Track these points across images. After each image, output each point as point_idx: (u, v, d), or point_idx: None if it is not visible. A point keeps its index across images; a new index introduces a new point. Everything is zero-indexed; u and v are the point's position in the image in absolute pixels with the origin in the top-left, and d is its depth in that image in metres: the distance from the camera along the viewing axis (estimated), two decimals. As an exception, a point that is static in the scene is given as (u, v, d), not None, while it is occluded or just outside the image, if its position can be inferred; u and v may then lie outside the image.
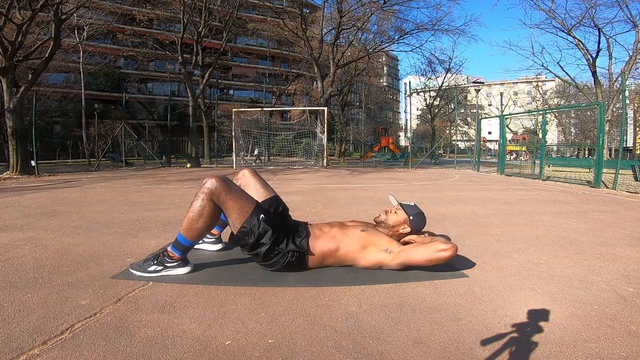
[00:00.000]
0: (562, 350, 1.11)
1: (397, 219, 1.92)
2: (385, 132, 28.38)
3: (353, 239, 1.79)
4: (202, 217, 1.69)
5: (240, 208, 1.70)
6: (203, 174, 9.72)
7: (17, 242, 2.37)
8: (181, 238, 1.73)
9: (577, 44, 16.21)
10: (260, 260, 1.76)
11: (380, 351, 1.11)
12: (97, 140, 16.84)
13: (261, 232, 1.69)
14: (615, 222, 3.30)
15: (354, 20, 17.26)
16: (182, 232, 1.72)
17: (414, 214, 1.93)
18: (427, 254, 1.68)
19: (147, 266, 1.75)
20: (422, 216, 1.96)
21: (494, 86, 47.11)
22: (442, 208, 3.96)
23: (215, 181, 1.69)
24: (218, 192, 1.68)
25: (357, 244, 1.78)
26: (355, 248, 1.78)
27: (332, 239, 1.79)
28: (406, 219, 1.92)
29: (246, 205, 1.72)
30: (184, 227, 1.71)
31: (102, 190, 5.73)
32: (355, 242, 1.78)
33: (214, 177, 1.71)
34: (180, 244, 1.74)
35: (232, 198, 1.70)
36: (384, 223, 1.93)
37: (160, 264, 1.75)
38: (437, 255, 1.67)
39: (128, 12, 21.79)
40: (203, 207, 1.68)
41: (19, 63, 9.47)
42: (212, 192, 1.67)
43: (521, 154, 21.83)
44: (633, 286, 1.66)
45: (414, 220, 1.92)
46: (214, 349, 1.10)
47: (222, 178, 1.72)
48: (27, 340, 1.13)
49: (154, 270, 1.74)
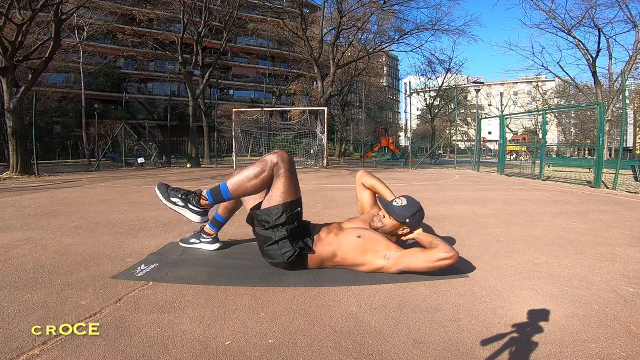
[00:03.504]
0: (562, 350, 1.11)
1: (393, 223, 1.83)
2: (385, 132, 28.35)
3: (349, 246, 1.77)
4: (256, 180, 1.71)
5: (286, 190, 1.73)
6: (203, 174, 9.72)
7: (17, 242, 2.37)
8: (224, 188, 1.73)
9: (577, 44, 16.18)
10: (267, 244, 1.75)
11: (380, 351, 1.11)
12: (97, 140, 16.84)
13: (288, 221, 1.72)
14: (615, 222, 3.30)
15: (354, 20, 17.25)
16: (229, 184, 1.73)
17: (409, 216, 1.81)
18: (428, 263, 1.65)
19: (173, 195, 1.78)
20: (419, 214, 1.85)
21: (494, 86, 47.07)
22: (442, 208, 3.96)
23: (284, 155, 1.74)
24: (281, 165, 1.72)
25: (354, 252, 1.76)
26: (352, 255, 1.76)
27: (330, 246, 1.79)
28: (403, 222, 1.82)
29: (293, 191, 1.76)
30: (234, 180, 1.73)
31: (102, 190, 5.73)
32: (351, 250, 1.76)
33: (282, 152, 1.77)
34: (218, 192, 1.74)
35: (287, 177, 1.73)
36: (381, 229, 1.84)
37: (185, 202, 1.76)
38: (437, 264, 1.64)
39: (128, 12, 21.77)
40: (262, 171, 1.71)
41: (19, 63, 9.47)
42: (277, 163, 1.71)
43: (521, 154, 21.82)
44: (633, 286, 1.66)
45: (410, 222, 1.82)
46: (214, 349, 1.10)
47: (290, 157, 1.78)
48: (27, 340, 1.13)
49: (174, 203, 1.76)
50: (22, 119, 9.26)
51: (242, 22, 23.04)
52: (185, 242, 2.24)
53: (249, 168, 1.74)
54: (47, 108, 20.37)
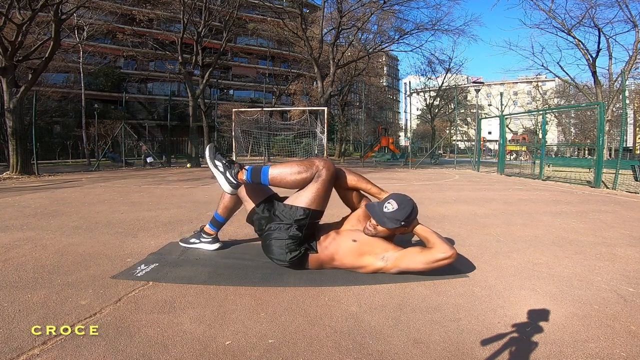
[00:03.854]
0: (562, 350, 1.11)
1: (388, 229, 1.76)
2: (385, 132, 28.32)
3: (346, 250, 1.76)
4: (297, 176, 1.75)
5: (317, 197, 1.76)
6: (203, 174, 9.71)
7: (17, 242, 2.37)
8: (265, 174, 1.79)
9: (577, 44, 16.19)
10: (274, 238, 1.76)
11: (380, 351, 1.11)
12: (97, 140, 16.84)
13: (306, 225, 1.75)
14: (615, 222, 3.30)
15: (354, 20, 17.26)
16: (272, 170, 1.79)
17: (404, 219, 1.72)
18: (426, 264, 1.64)
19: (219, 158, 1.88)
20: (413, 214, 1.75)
21: (494, 86, 47.05)
22: (442, 208, 3.96)
23: (331, 166, 1.79)
24: (323, 174, 1.76)
25: (351, 256, 1.76)
26: (350, 259, 1.77)
27: (327, 250, 1.79)
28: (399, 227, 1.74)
29: (322, 201, 1.79)
30: (278, 169, 1.78)
31: (102, 190, 5.72)
32: (349, 254, 1.76)
33: (331, 163, 1.81)
34: (258, 174, 1.79)
35: (324, 187, 1.76)
36: (376, 236, 1.78)
37: (226, 168, 1.85)
38: (436, 264, 1.63)
39: (128, 12, 21.77)
40: (305, 171, 1.75)
41: (19, 63, 9.46)
42: (321, 170, 1.75)
43: (521, 154, 21.81)
44: (633, 286, 1.66)
45: (406, 224, 1.74)
46: (214, 349, 1.10)
47: (336, 171, 1.84)
48: (27, 340, 1.13)
49: (215, 165, 1.87)
50: (22, 119, 9.25)
51: (242, 22, 23.03)
52: (185, 242, 2.24)
53: (294, 163, 1.78)
54: (47, 108, 20.36)
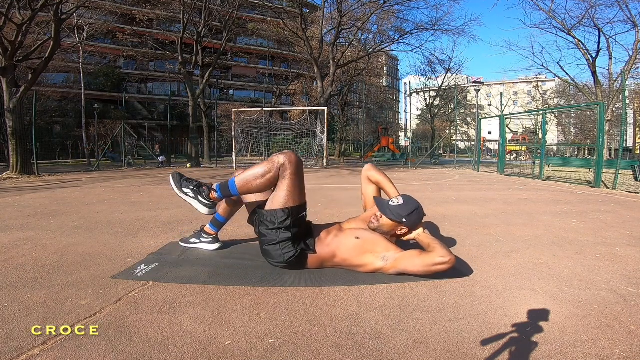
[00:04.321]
0: (562, 350, 1.11)
1: (390, 223, 1.80)
2: (385, 132, 28.32)
3: (348, 247, 1.77)
4: (262, 179, 1.72)
5: (291, 192, 1.73)
6: (203, 174, 9.72)
7: (17, 242, 2.37)
8: (232, 184, 1.76)
9: (577, 44, 16.19)
10: (268, 244, 1.76)
11: (380, 351, 1.11)
12: (97, 140, 16.84)
13: (292, 224, 1.73)
14: (615, 222, 3.30)
15: (354, 20, 17.25)
16: (237, 180, 1.76)
17: (406, 216, 1.79)
18: (424, 267, 1.64)
19: (185, 185, 1.85)
20: (417, 213, 1.82)
21: (494, 86, 47.04)
22: (442, 208, 3.96)
23: (292, 156, 1.74)
24: (287, 167, 1.72)
25: (353, 253, 1.76)
26: (351, 256, 1.77)
27: (328, 247, 1.79)
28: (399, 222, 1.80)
29: (297, 194, 1.76)
30: (242, 177, 1.75)
31: (102, 190, 5.72)
32: (351, 251, 1.76)
33: (291, 152, 1.76)
34: (227, 188, 1.78)
35: (293, 180, 1.73)
36: (379, 229, 1.83)
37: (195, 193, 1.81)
38: (434, 268, 1.62)
39: (128, 12, 21.77)
40: (269, 171, 1.72)
41: (19, 63, 9.46)
42: (284, 164, 1.71)
43: (521, 154, 21.81)
44: (633, 286, 1.66)
45: (408, 221, 1.80)
46: (214, 349, 1.10)
47: (298, 158, 1.77)
48: (27, 340, 1.13)
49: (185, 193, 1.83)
50: (22, 119, 9.25)
51: (242, 22, 23.04)
52: (186, 242, 2.24)
53: (257, 167, 1.75)
54: (47, 108, 20.38)
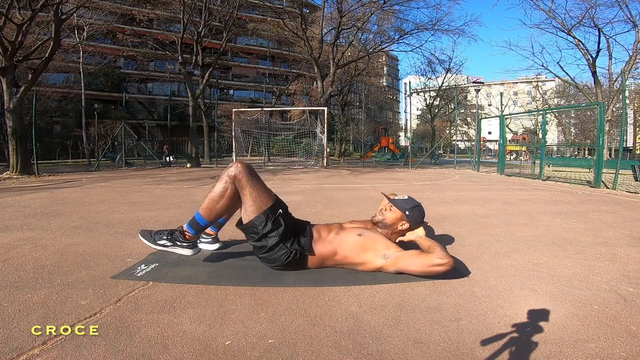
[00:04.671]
0: (562, 350, 1.11)
1: (394, 217, 1.88)
2: (385, 132, 28.30)
3: (350, 244, 1.78)
4: (223, 199, 1.73)
5: (258, 197, 1.73)
6: (203, 174, 9.72)
7: (17, 242, 2.37)
8: (199, 217, 1.77)
9: (577, 44, 16.18)
10: (262, 252, 1.76)
11: (380, 351, 1.11)
12: (97, 140, 16.85)
13: (275, 226, 1.72)
14: (615, 222, 3.30)
15: (354, 20, 17.23)
16: (201, 211, 1.76)
17: (409, 209, 1.88)
18: (423, 267, 1.65)
19: (158, 238, 1.79)
20: (418, 209, 1.91)
21: (494, 86, 47.05)
22: (442, 208, 3.96)
23: (240, 166, 1.74)
24: (240, 177, 1.72)
25: (354, 250, 1.77)
26: (352, 254, 1.77)
27: (330, 244, 1.80)
28: (402, 215, 1.88)
29: (265, 196, 1.76)
30: (204, 206, 1.75)
31: (102, 190, 5.73)
32: (352, 248, 1.78)
33: (239, 162, 1.76)
34: (196, 223, 1.78)
35: (253, 185, 1.74)
36: (382, 222, 1.90)
37: (172, 241, 1.78)
38: (432, 269, 1.63)
39: (128, 12, 21.77)
40: (225, 189, 1.72)
41: (19, 63, 9.47)
42: (236, 176, 1.72)
43: (521, 154, 21.81)
44: (633, 286, 1.66)
45: (410, 215, 1.87)
46: (214, 349, 1.10)
47: (247, 164, 1.77)
48: (27, 340, 1.13)
49: (162, 245, 1.78)
50: (22, 119, 9.26)
51: (242, 22, 23.05)
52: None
53: (212, 189, 1.75)
54: (47, 108, 20.39)
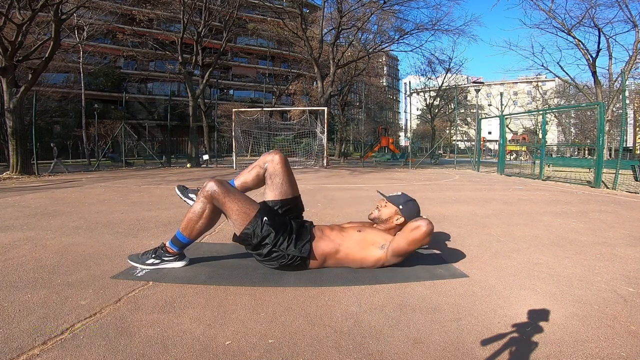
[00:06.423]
0: (562, 350, 1.11)
1: (389, 212, 1.95)
2: (385, 132, 28.28)
3: (351, 240, 1.82)
4: (202, 219, 1.75)
5: (240, 209, 1.73)
6: (203, 174, 9.72)
7: (17, 242, 2.37)
8: (180, 236, 1.80)
9: (577, 44, 16.18)
10: (260, 258, 1.80)
11: (380, 351, 1.11)
12: (97, 140, 16.85)
13: (264, 234, 1.72)
14: (615, 222, 3.30)
15: (354, 20, 17.23)
16: (182, 230, 1.78)
17: (402, 203, 1.95)
18: (405, 237, 1.67)
19: (145, 259, 1.82)
20: (412, 203, 1.98)
21: (494, 86, 47.03)
22: (442, 208, 3.96)
23: (214, 184, 1.73)
24: (217, 195, 1.72)
25: (356, 246, 1.81)
26: (354, 250, 1.80)
27: (332, 242, 1.82)
28: (396, 209, 1.95)
29: (248, 207, 1.75)
30: (184, 226, 1.77)
31: (102, 190, 5.72)
32: (353, 244, 1.81)
33: (213, 180, 1.75)
34: (178, 241, 1.81)
35: (232, 200, 1.73)
36: (378, 218, 1.97)
37: (158, 258, 1.82)
38: (412, 234, 1.63)
39: (128, 12, 21.79)
40: (203, 209, 1.74)
41: (19, 63, 9.46)
42: (212, 195, 1.72)
43: (521, 154, 21.80)
44: (633, 286, 1.66)
45: (404, 209, 1.94)
46: (214, 349, 1.11)
47: (221, 181, 1.76)
48: (27, 340, 1.13)
49: (151, 263, 1.81)
50: (22, 119, 9.25)
51: (242, 22, 23.06)
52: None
53: (191, 209, 1.77)
54: (47, 108, 20.37)
